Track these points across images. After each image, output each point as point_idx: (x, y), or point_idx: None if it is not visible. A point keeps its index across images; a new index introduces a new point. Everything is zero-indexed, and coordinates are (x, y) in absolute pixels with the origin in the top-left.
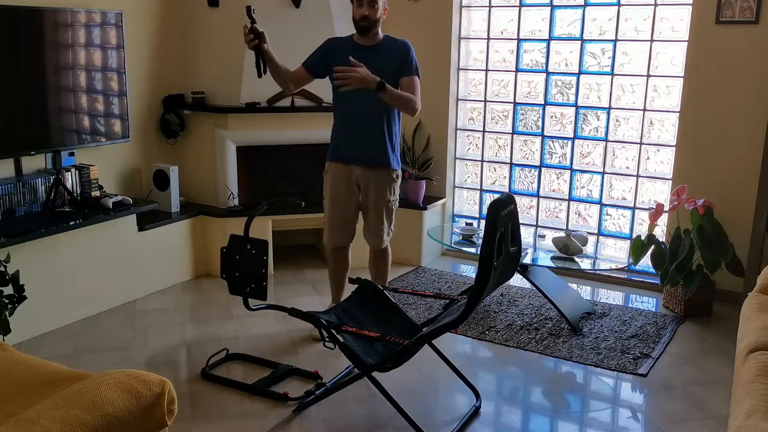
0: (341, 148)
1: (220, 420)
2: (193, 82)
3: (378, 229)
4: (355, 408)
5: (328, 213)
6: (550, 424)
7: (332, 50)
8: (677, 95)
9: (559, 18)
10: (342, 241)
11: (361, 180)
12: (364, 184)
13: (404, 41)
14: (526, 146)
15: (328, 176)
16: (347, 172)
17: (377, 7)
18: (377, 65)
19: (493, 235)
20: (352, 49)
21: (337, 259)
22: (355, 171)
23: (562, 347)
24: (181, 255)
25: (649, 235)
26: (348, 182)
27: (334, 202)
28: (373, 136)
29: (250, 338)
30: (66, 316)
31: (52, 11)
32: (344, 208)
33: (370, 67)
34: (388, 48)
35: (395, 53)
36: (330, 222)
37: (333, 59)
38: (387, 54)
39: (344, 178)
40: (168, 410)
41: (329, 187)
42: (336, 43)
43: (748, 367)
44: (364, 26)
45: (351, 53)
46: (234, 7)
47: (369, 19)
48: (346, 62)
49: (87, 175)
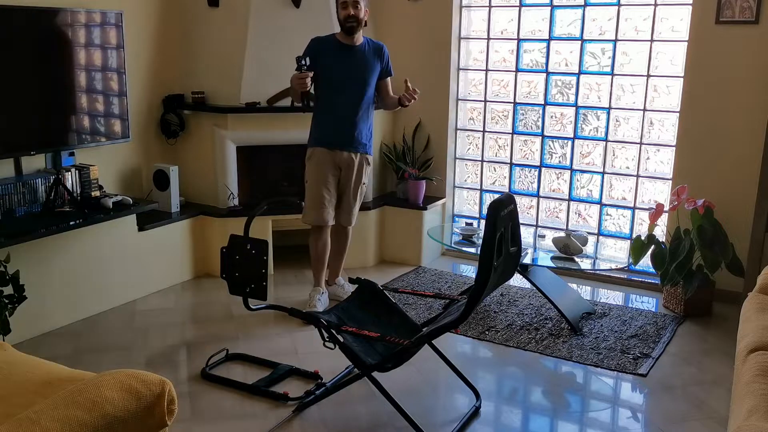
0: (329, 134)
1: (220, 420)
2: (193, 82)
3: (353, 208)
4: (355, 408)
5: (315, 193)
6: (550, 424)
7: (319, 49)
8: (677, 95)
9: (559, 18)
10: (329, 219)
11: (344, 163)
12: (346, 167)
13: (380, 43)
14: (526, 146)
15: (312, 160)
16: (332, 156)
17: (360, 8)
18: (360, 63)
19: (493, 235)
20: (337, 47)
21: (321, 238)
22: (338, 155)
23: (562, 347)
24: (181, 255)
25: (649, 235)
26: (332, 165)
27: (321, 183)
28: (362, 125)
29: (250, 338)
30: (66, 316)
31: (52, 11)
32: (331, 187)
33: (355, 65)
34: (370, 50)
35: (375, 54)
36: (318, 201)
37: (321, 58)
38: (368, 54)
39: (329, 162)
40: (168, 410)
41: (316, 170)
42: (321, 42)
43: (748, 367)
44: (351, 26)
45: (337, 51)
46: (234, 7)
47: (355, 18)
48: (329, 59)
49: (87, 175)
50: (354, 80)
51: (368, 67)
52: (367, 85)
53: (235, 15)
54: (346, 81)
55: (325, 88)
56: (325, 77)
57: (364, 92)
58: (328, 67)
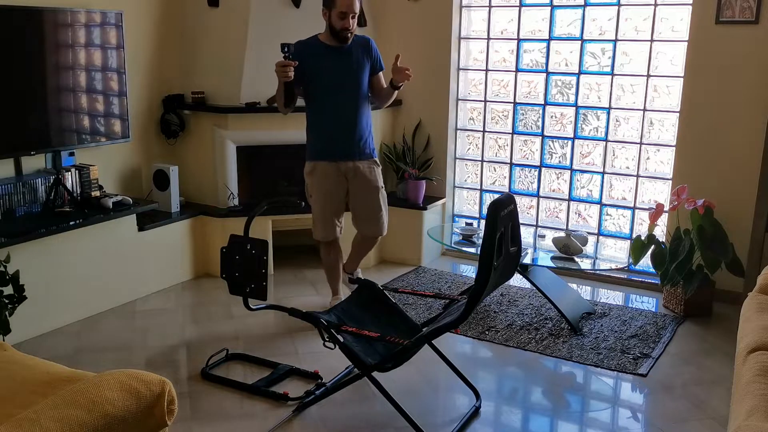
0: (329, 145)
1: (220, 420)
2: (193, 82)
3: (378, 215)
4: (355, 408)
5: (322, 209)
6: (550, 424)
7: (303, 55)
8: (677, 95)
9: (559, 18)
10: (337, 233)
11: (350, 172)
12: (353, 177)
13: (367, 37)
14: (526, 146)
15: (315, 174)
16: (336, 167)
17: (355, 20)
18: (349, 63)
19: (493, 235)
20: (323, 50)
21: (333, 251)
22: (342, 166)
23: (562, 347)
24: (181, 255)
25: (649, 235)
26: (337, 177)
27: (328, 197)
28: (362, 128)
29: (250, 338)
30: (66, 316)
31: (52, 11)
32: (337, 201)
33: (344, 65)
34: (356, 46)
35: (363, 51)
36: (324, 216)
37: (306, 63)
38: (356, 52)
39: (334, 174)
40: (168, 410)
41: (319, 184)
42: (305, 47)
43: (748, 367)
44: (345, 37)
45: (323, 55)
46: (234, 7)
47: (350, 31)
48: (318, 64)
49: (87, 175)
50: (345, 82)
51: (358, 66)
52: (360, 85)
53: (235, 15)
54: (337, 84)
55: (316, 95)
56: (315, 83)
57: (357, 93)
58: (316, 72)
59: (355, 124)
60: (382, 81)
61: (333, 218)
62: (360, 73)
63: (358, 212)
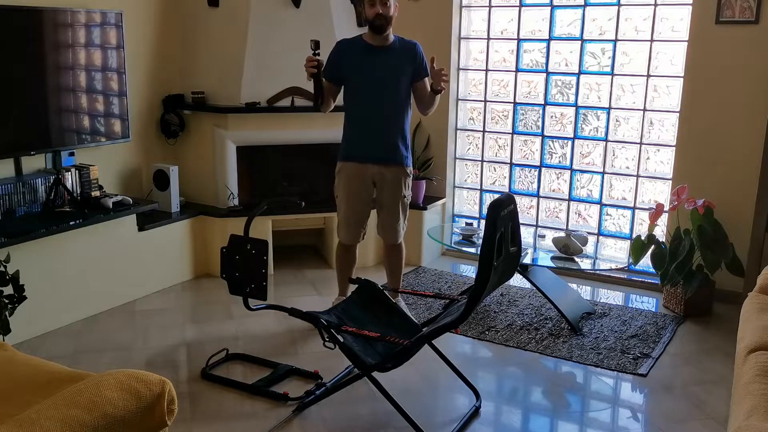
0: (358, 147)
1: (220, 420)
2: (193, 82)
3: (395, 224)
4: (355, 408)
5: (345, 210)
6: (550, 424)
7: (343, 52)
8: (677, 95)
9: (559, 18)
10: (358, 238)
11: (377, 177)
12: (380, 181)
13: (414, 42)
14: (526, 146)
15: (342, 175)
16: (362, 170)
17: (389, 4)
18: (387, 65)
19: (493, 235)
20: (363, 50)
21: (348, 255)
22: (370, 169)
23: (562, 347)
24: (181, 255)
25: (649, 235)
26: (363, 180)
27: (351, 199)
28: (394, 134)
29: (250, 338)
30: (66, 316)
31: (52, 11)
32: (361, 205)
33: (382, 67)
34: (400, 49)
35: (407, 55)
36: (347, 219)
37: (345, 61)
38: (399, 55)
39: (359, 177)
40: (168, 410)
41: (345, 185)
42: (346, 45)
43: (748, 367)
44: (380, 24)
45: (363, 54)
46: (234, 7)
47: (383, 17)
48: (356, 62)
49: (87, 175)
50: (380, 83)
51: (397, 69)
52: (396, 88)
53: (235, 15)
54: (372, 85)
55: (351, 95)
56: (350, 81)
57: (393, 97)
58: (352, 71)
59: (385, 127)
60: (427, 86)
61: (357, 222)
62: (398, 76)
63: (378, 216)
